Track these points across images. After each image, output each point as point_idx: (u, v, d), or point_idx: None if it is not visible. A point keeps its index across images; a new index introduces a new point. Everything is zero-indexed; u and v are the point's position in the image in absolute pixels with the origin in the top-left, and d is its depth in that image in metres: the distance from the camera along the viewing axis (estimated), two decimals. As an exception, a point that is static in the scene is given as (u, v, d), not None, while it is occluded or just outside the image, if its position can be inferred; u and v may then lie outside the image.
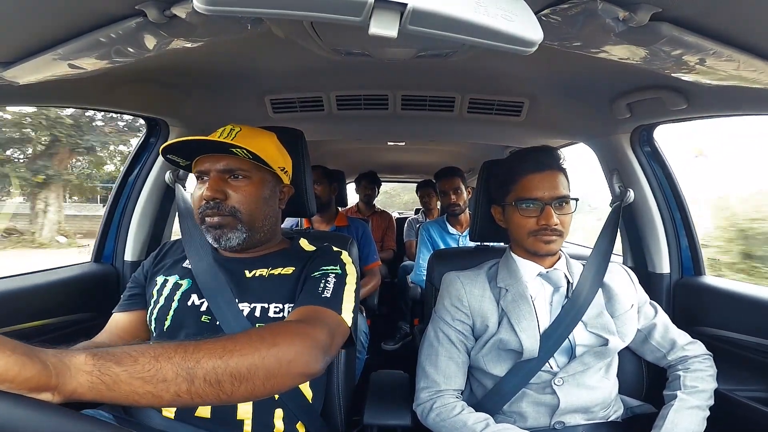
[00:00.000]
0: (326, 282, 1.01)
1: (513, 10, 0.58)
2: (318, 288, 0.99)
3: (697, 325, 1.44)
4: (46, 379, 0.52)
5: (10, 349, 0.50)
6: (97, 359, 0.56)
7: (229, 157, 1.05)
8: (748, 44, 0.76)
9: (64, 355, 0.55)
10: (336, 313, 0.95)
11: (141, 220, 1.72)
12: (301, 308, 0.95)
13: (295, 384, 0.78)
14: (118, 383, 0.57)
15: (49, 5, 0.76)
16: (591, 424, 1.16)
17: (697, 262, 1.62)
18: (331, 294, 0.98)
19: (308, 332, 0.81)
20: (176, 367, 0.61)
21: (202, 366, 0.63)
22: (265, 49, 1.26)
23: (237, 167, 1.06)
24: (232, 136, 1.06)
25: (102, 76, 1.02)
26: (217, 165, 1.05)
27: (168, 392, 0.60)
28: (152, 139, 1.73)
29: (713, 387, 1.17)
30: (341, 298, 0.99)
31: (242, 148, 1.00)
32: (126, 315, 1.14)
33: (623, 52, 0.83)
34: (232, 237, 1.06)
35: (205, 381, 0.62)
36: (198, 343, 0.66)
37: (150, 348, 0.62)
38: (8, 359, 0.49)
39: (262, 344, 0.71)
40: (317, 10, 0.57)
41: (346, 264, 1.11)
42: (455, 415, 1.10)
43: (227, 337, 0.70)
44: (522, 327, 1.14)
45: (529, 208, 1.16)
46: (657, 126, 1.56)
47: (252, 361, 0.68)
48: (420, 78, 1.55)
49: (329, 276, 1.04)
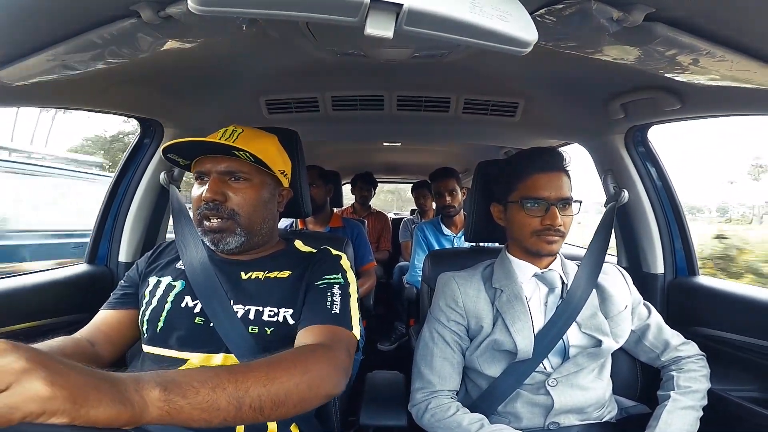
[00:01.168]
0: (332, 295, 1.03)
1: (508, 10, 0.58)
2: (326, 303, 1.01)
3: (691, 325, 1.44)
4: (134, 420, 0.54)
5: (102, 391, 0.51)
6: (168, 393, 0.59)
7: (231, 158, 1.04)
8: (741, 45, 0.76)
9: (142, 388, 0.57)
10: (348, 330, 0.98)
11: (135, 221, 1.71)
12: (316, 328, 0.97)
13: (320, 404, 0.81)
14: (181, 413, 0.60)
15: (42, 6, 0.76)
16: (585, 424, 1.16)
17: (690, 262, 1.63)
18: (340, 310, 1.01)
19: (333, 356, 0.87)
20: (229, 397, 0.64)
21: (250, 394, 0.67)
22: (260, 50, 1.26)
23: (238, 169, 1.05)
24: (234, 138, 1.05)
25: (96, 76, 1.01)
26: (218, 166, 1.04)
27: (218, 418, 0.63)
28: (146, 140, 1.72)
29: (706, 387, 1.17)
30: (349, 313, 1.02)
31: (245, 151, 0.99)
32: (116, 313, 1.12)
33: (617, 52, 0.84)
34: (230, 241, 1.06)
35: (250, 408, 0.67)
36: (246, 371, 0.70)
37: (208, 377, 0.65)
38: (107, 408, 0.51)
39: (296, 370, 0.76)
40: (313, 10, 0.57)
41: (346, 271, 1.12)
42: (450, 416, 1.10)
43: (267, 363, 0.74)
44: (516, 328, 1.14)
45: (534, 208, 1.16)
46: (651, 126, 1.57)
47: (288, 388, 0.72)
48: (415, 78, 1.55)
49: (334, 288, 1.05)
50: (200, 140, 1.01)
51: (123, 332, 1.10)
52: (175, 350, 1.00)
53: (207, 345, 1.00)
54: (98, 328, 1.09)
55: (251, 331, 1.00)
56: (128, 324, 1.11)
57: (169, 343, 1.01)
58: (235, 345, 0.98)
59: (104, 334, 1.08)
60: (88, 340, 1.04)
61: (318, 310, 1.01)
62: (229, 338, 0.99)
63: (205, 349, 1.00)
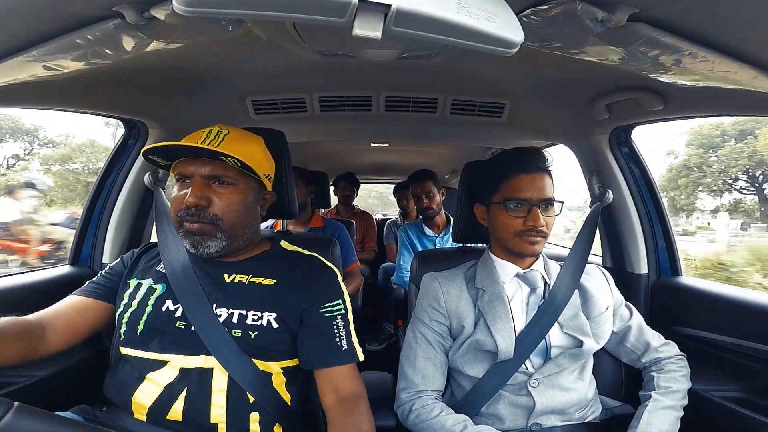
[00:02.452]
0: (337, 329, 1.08)
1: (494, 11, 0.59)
2: (335, 340, 1.07)
3: (674, 325, 1.46)
4: None
5: None
6: None
7: (215, 162, 1.01)
8: (723, 45, 0.78)
9: None
10: (356, 361, 1.08)
11: (119, 223, 1.69)
12: (333, 374, 1.05)
13: None
14: None
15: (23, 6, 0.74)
16: (568, 425, 1.16)
17: (674, 262, 1.65)
18: (347, 344, 1.08)
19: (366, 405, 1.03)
20: None
21: None
22: (246, 50, 1.25)
23: (223, 174, 1.03)
24: (219, 139, 1.03)
25: (79, 77, 0.99)
26: (201, 170, 1.02)
27: None
28: (130, 140, 1.70)
29: (686, 387, 1.19)
30: (353, 343, 1.09)
31: (232, 157, 0.97)
32: (90, 301, 1.08)
33: (602, 52, 0.85)
34: (211, 245, 1.04)
35: None
36: None
37: None
38: None
39: None
40: (300, 11, 0.56)
41: (344, 293, 1.14)
42: (434, 417, 1.10)
43: None
44: (497, 328, 1.15)
45: (516, 208, 1.16)
46: (635, 127, 1.59)
47: None
48: (403, 79, 1.55)
49: (337, 319, 1.09)
50: (185, 145, 0.99)
51: (88, 321, 1.07)
52: (155, 353, 0.99)
53: (188, 347, 0.99)
54: (63, 312, 1.05)
55: (234, 334, 1.00)
56: (96, 316, 1.08)
57: (150, 346, 1.00)
58: (217, 349, 0.98)
59: (68, 319, 1.04)
60: (41, 323, 0.98)
61: (329, 350, 1.06)
62: (211, 342, 0.98)
63: (185, 351, 0.99)
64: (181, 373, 0.98)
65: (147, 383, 0.97)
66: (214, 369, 0.98)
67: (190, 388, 0.97)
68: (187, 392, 0.96)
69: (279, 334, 1.03)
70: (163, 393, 0.96)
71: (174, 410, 0.95)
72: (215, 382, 0.98)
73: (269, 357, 1.03)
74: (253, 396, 0.99)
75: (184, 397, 0.96)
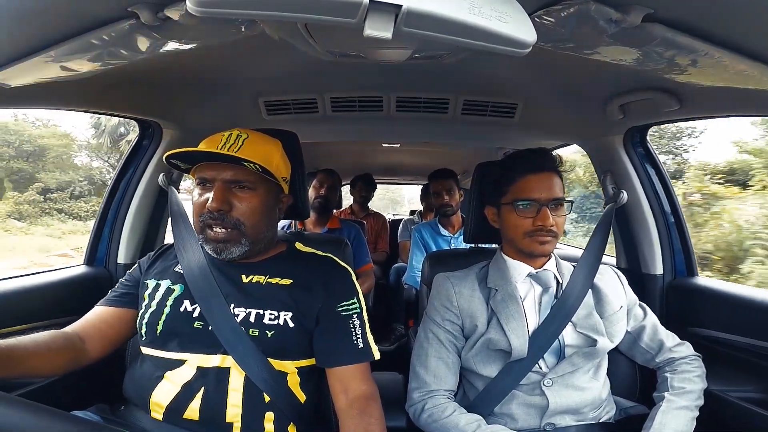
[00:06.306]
0: (353, 327, 1.09)
1: (507, 11, 0.58)
2: (352, 339, 1.08)
3: (690, 326, 1.44)
4: None
5: None
6: None
7: (236, 167, 1.02)
8: (740, 46, 0.76)
9: None
10: (372, 359, 1.09)
11: (134, 223, 1.71)
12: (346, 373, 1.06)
13: None
14: None
15: (40, 7, 0.76)
16: (581, 425, 1.16)
17: (689, 262, 1.63)
18: (363, 343, 1.09)
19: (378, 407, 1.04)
20: None
21: None
22: (258, 51, 1.25)
23: (244, 178, 1.04)
24: (239, 144, 1.04)
25: (94, 78, 1.01)
26: (223, 174, 1.03)
27: None
28: (145, 141, 1.72)
29: (701, 387, 1.17)
30: (369, 341, 1.10)
31: (253, 163, 0.98)
32: (115, 310, 1.12)
33: (616, 53, 0.84)
34: (234, 250, 1.05)
35: None
36: None
37: None
38: None
39: None
40: (311, 12, 0.57)
41: (358, 293, 1.15)
42: (447, 416, 1.10)
43: None
44: (511, 327, 1.14)
45: (526, 209, 1.16)
46: (650, 127, 1.58)
47: None
48: (414, 80, 1.55)
49: (353, 317, 1.10)
50: (208, 152, 1.00)
51: (119, 330, 1.11)
52: (174, 352, 1.01)
53: (205, 347, 1.00)
54: (93, 324, 1.09)
55: (252, 334, 1.00)
56: (125, 323, 1.11)
57: (169, 346, 1.01)
58: (234, 348, 0.99)
59: (99, 330, 1.08)
60: (79, 335, 1.04)
61: (345, 348, 1.07)
62: (228, 342, 0.99)
63: (203, 351, 1.00)
64: (199, 372, 0.99)
65: (165, 382, 0.99)
66: (230, 368, 0.99)
67: (207, 387, 0.98)
68: (204, 391, 0.97)
69: (295, 334, 1.04)
70: (180, 392, 0.97)
71: (191, 409, 0.96)
72: (232, 381, 0.99)
73: (285, 356, 1.04)
74: (268, 395, 1.00)
75: (201, 396, 0.97)
